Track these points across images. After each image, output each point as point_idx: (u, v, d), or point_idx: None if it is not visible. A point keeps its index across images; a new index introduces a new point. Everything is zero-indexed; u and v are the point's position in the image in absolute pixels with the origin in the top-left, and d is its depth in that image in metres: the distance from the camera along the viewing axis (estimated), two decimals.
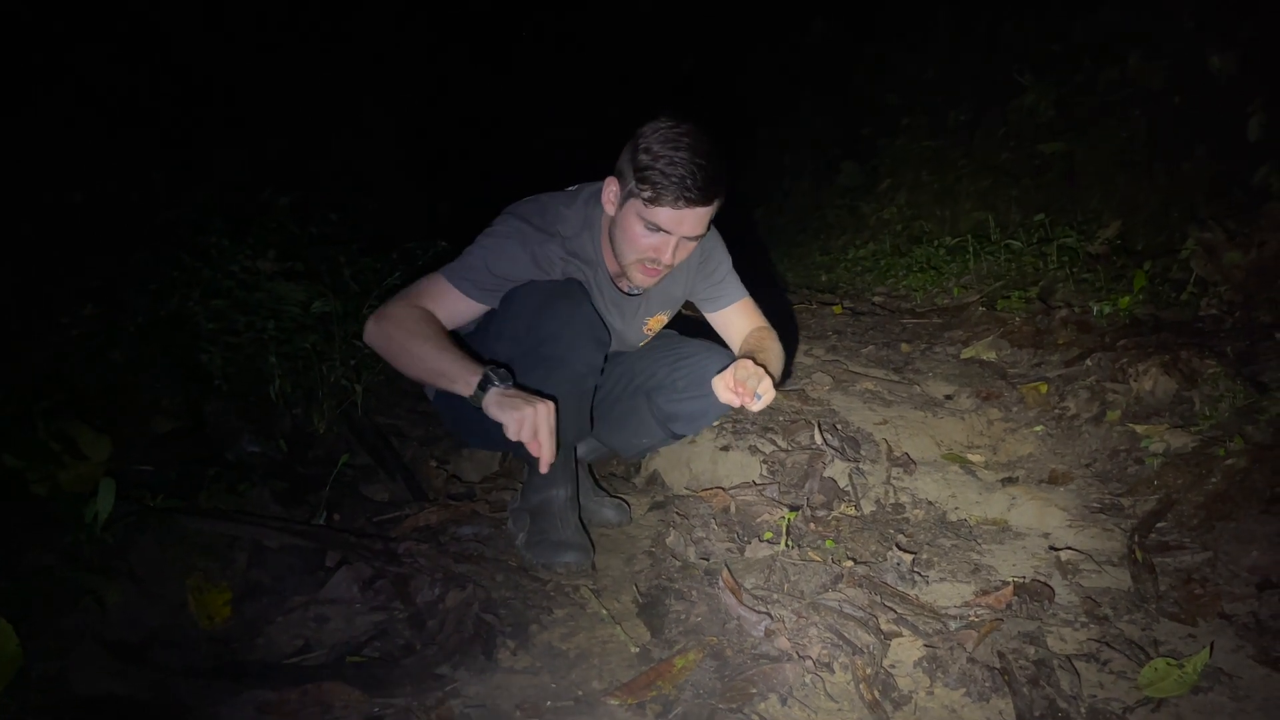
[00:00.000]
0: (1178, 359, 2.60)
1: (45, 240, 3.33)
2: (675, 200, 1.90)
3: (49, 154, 3.76)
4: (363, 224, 4.42)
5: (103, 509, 1.81)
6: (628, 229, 1.99)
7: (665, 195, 1.90)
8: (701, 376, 2.24)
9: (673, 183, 1.88)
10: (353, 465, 2.63)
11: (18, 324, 2.76)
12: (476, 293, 2.03)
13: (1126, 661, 1.59)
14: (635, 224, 1.97)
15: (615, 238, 2.05)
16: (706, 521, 2.12)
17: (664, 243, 1.98)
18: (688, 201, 1.90)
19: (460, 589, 1.85)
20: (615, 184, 2.02)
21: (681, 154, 1.88)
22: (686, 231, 1.97)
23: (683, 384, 2.33)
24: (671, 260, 2.02)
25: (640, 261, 2.02)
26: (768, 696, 1.50)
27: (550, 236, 2.07)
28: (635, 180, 1.92)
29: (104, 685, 1.54)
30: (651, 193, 1.90)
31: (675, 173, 1.87)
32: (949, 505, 2.27)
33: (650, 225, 1.95)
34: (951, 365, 3.19)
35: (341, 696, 1.50)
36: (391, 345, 1.96)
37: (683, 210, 1.92)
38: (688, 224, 1.96)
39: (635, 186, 1.93)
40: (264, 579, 2.00)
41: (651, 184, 1.89)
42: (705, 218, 1.99)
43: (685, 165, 1.87)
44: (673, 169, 1.87)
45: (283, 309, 3.05)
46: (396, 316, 1.97)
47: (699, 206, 1.93)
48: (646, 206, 1.93)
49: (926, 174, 5.95)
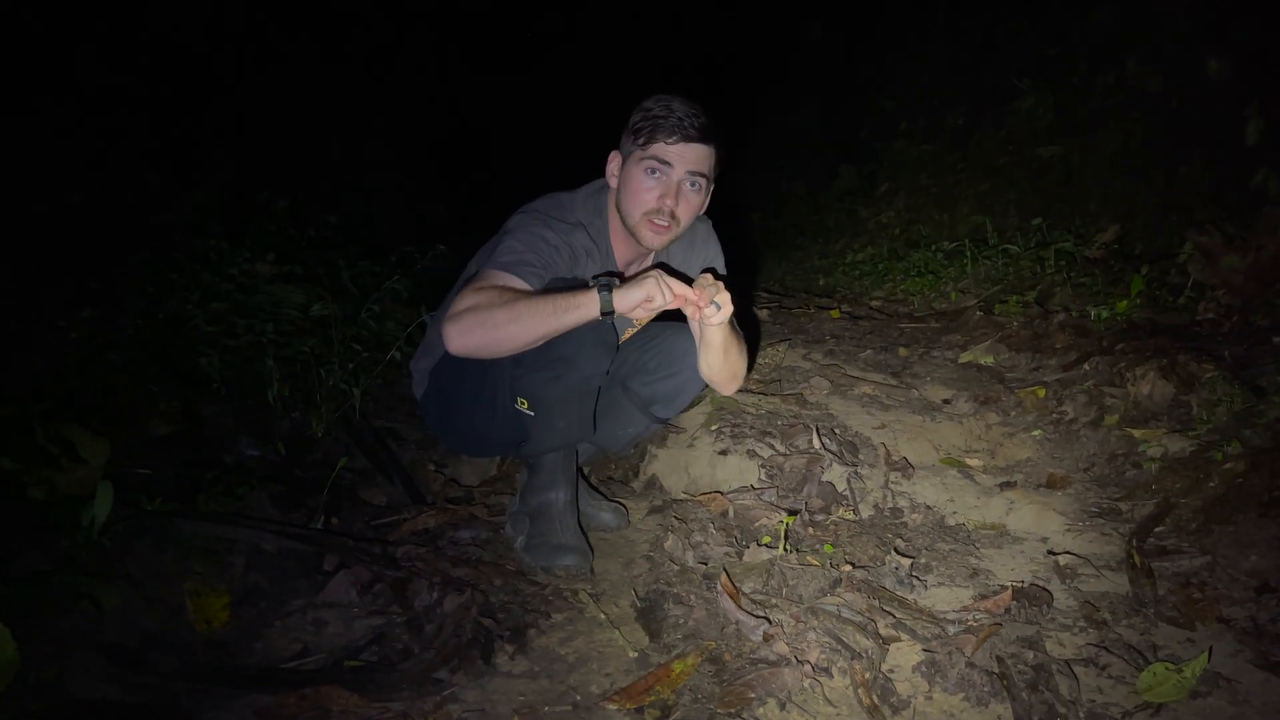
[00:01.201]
0: (1175, 363, 2.60)
1: (44, 242, 3.33)
2: (669, 134, 1.98)
3: (48, 156, 3.76)
4: (361, 228, 4.42)
5: (100, 512, 1.81)
6: (630, 183, 2.05)
7: (660, 130, 1.98)
8: (670, 355, 2.33)
9: (669, 120, 1.98)
10: (351, 469, 2.63)
11: (16, 326, 2.76)
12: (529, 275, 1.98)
13: (1125, 666, 1.59)
14: (637, 173, 2.04)
15: (621, 201, 2.09)
16: (705, 526, 2.12)
17: (667, 185, 2.02)
18: (683, 135, 1.98)
19: (458, 593, 1.85)
20: (616, 156, 2.11)
21: (673, 102, 2.00)
22: (687, 166, 2.02)
23: (653, 364, 2.37)
24: (676, 205, 2.04)
25: (647, 216, 2.06)
26: (766, 701, 1.50)
27: (573, 226, 2.11)
28: (631, 138, 2.02)
29: (101, 689, 1.54)
30: (647, 136, 1.99)
31: (670, 114, 1.98)
32: (947, 510, 2.27)
33: (650, 166, 2.01)
34: (949, 370, 3.19)
35: (339, 701, 1.50)
36: (492, 324, 1.83)
37: (680, 144, 1.99)
38: (687, 158, 2.01)
39: (632, 142, 2.02)
40: (262, 583, 2.00)
41: (646, 130, 1.99)
42: (705, 157, 2.04)
43: (679, 106, 1.99)
44: (667, 111, 1.98)
45: (281, 312, 3.05)
46: (478, 304, 1.85)
47: (695, 142, 2.00)
48: (644, 148, 2.00)
49: (924, 178, 5.95)
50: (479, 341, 1.85)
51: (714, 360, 2.20)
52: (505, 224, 2.12)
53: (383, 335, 3.31)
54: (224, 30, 5.60)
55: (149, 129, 4.49)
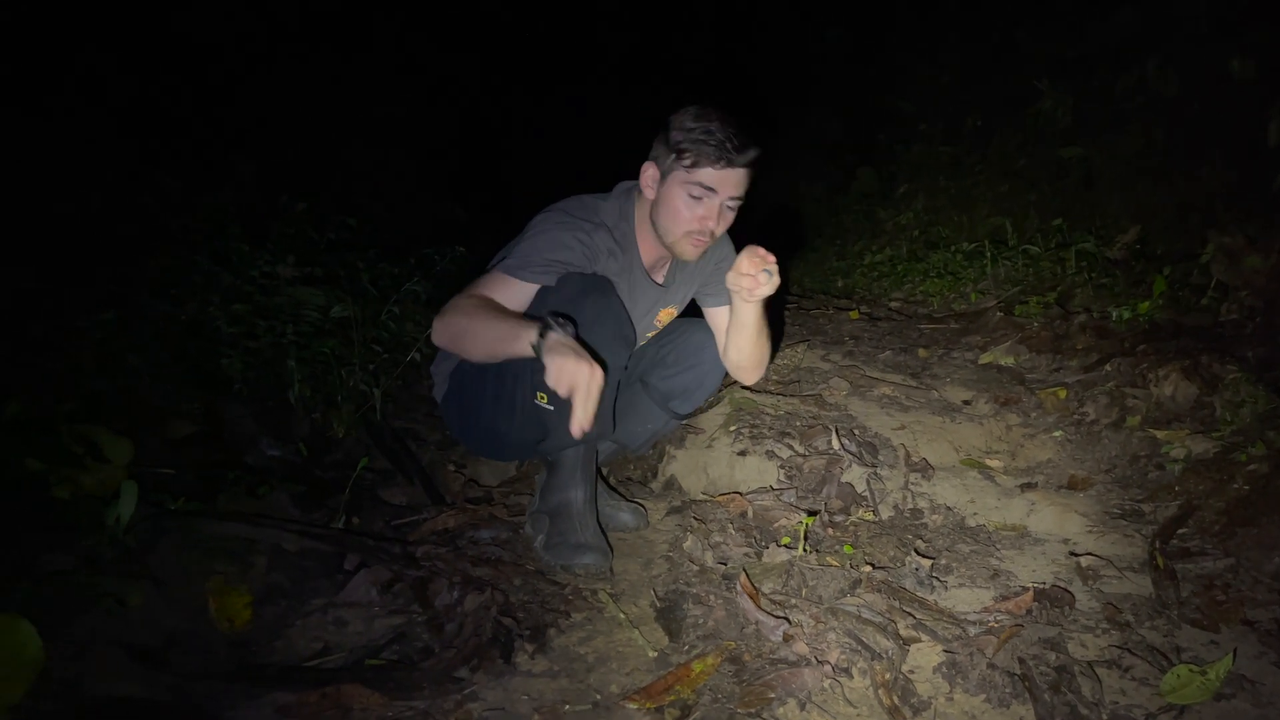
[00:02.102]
0: (1198, 364, 2.58)
1: (65, 245, 3.36)
2: (716, 160, 1.99)
3: (68, 160, 3.80)
4: (380, 230, 4.44)
5: (124, 512, 1.82)
6: (671, 203, 2.06)
7: (705, 157, 1.99)
8: (688, 347, 2.39)
9: (712, 145, 1.98)
10: (371, 469, 2.64)
11: (39, 329, 2.78)
12: (533, 276, 2.03)
13: (1148, 668, 1.58)
14: (679, 195, 2.04)
15: (659, 217, 2.11)
16: (724, 526, 2.12)
17: (709, 209, 2.05)
18: (728, 161, 1.99)
19: (479, 592, 1.85)
20: (653, 167, 2.10)
21: (714, 122, 1.99)
22: (730, 191, 2.04)
23: (671, 358, 2.41)
24: (716, 226, 2.07)
25: (689, 234, 2.09)
26: (786, 701, 1.50)
27: (596, 226, 2.13)
28: (674, 155, 2.02)
29: (124, 688, 1.54)
30: (692, 158, 2.00)
31: (713, 137, 1.98)
32: (967, 510, 2.26)
33: (694, 192, 2.03)
34: (969, 370, 3.18)
35: (361, 699, 1.51)
36: (453, 331, 1.97)
37: (724, 170, 2.01)
38: (730, 183, 2.03)
39: (674, 161, 2.02)
40: (283, 582, 2.01)
41: (691, 152, 1.99)
42: (745, 179, 2.06)
43: (720, 129, 1.98)
44: (709, 135, 1.98)
45: (301, 314, 3.07)
46: (456, 307, 1.98)
47: (739, 166, 2.02)
48: (689, 172, 2.01)
49: (943, 179, 5.93)
50: (445, 343, 2.03)
51: (746, 343, 2.25)
52: (529, 222, 2.14)
53: (402, 336, 3.33)
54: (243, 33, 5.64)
55: (170, 133, 4.52)
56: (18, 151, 3.57)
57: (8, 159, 3.50)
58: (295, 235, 3.46)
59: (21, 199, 3.43)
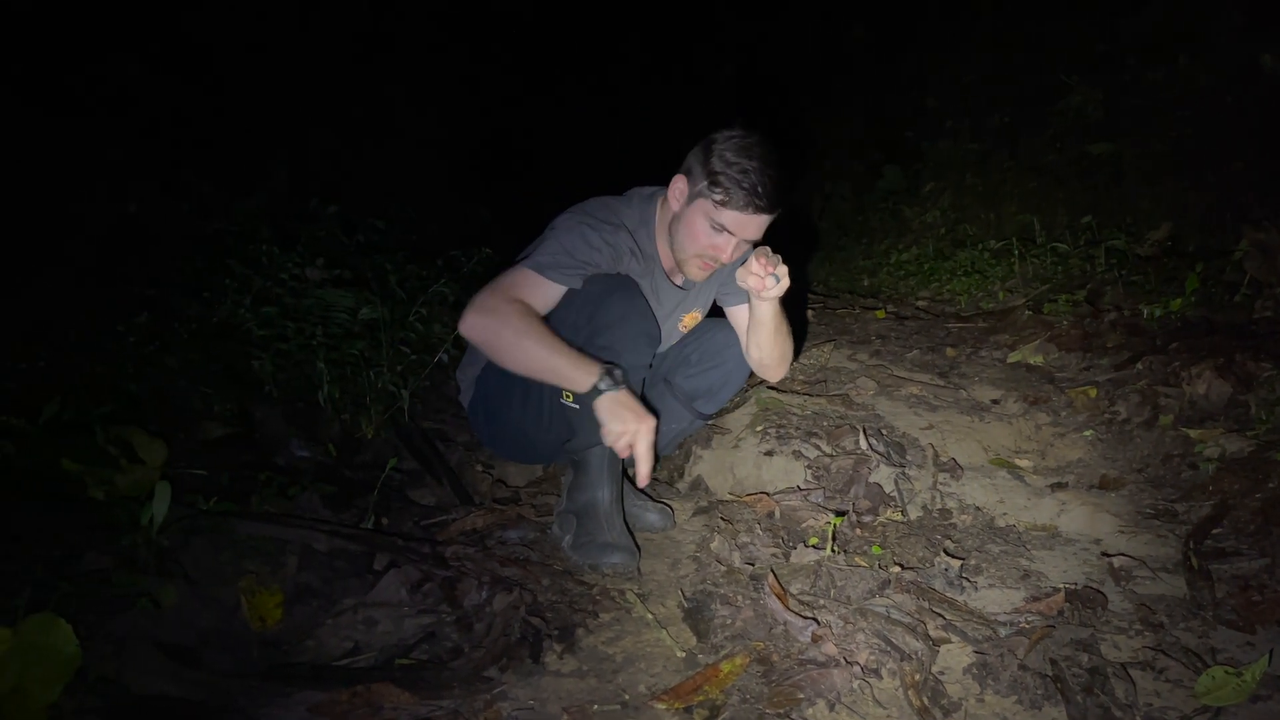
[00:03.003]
0: (1232, 362, 2.54)
1: (101, 250, 3.41)
2: (745, 206, 2.02)
3: (104, 167, 3.85)
4: (408, 232, 4.47)
5: (159, 512, 1.85)
6: (692, 225, 2.09)
7: (735, 200, 2.01)
8: (712, 347, 2.42)
9: (744, 189, 2.00)
10: (400, 470, 2.66)
11: (76, 332, 2.83)
12: (563, 278, 2.06)
13: (1183, 669, 1.56)
14: (701, 222, 2.08)
15: (677, 232, 2.14)
16: (751, 527, 2.12)
17: (726, 243, 2.09)
18: (756, 209, 2.03)
19: (507, 592, 1.86)
20: (683, 181, 2.12)
21: (754, 162, 2.00)
22: (749, 235, 2.08)
23: (695, 357, 2.44)
24: (729, 260, 2.12)
25: (699, 257, 2.12)
26: (815, 702, 1.49)
27: (617, 227, 2.15)
28: (707, 182, 2.03)
29: (159, 685, 1.56)
30: (723, 196, 2.02)
31: (748, 181, 1.99)
32: (997, 511, 2.24)
33: (716, 226, 2.06)
34: (998, 370, 3.15)
35: (391, 698, 1.52)
36: (498, 341, 1.96)
37: (749, 216, 2.04)
38: (751, 228, 2.07)
39: (706, 187, 2.04)
40: (314, 582, 2.03)
41: (724, 188, 2.01)
42: (766, 224, 2.09)
43: (757, 174, 1.99)
44: (745, 177, 1.99)
45: (331, 316, 3.10)
46: (501, 312, 1.96)
47: (765, 214, 2.05)
48: (716, 208, 2.04)
49: (970, 177, 5.88)
50: (486, 346, 2.01)
51: (765, 340, 2.27)
52: (552, 222, 2.15)
53: (430, 338, 3.36)
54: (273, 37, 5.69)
55: (203, 137, 4.58)
56: (57, 158, 3.62)
57: (48, 166, 3.56)
58: (325, 238, 3.50)
59: (61, 205, 3.49)
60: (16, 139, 3.57)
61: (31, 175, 3.48)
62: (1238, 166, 3.81)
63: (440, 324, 3.45)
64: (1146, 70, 4.61)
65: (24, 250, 3.17)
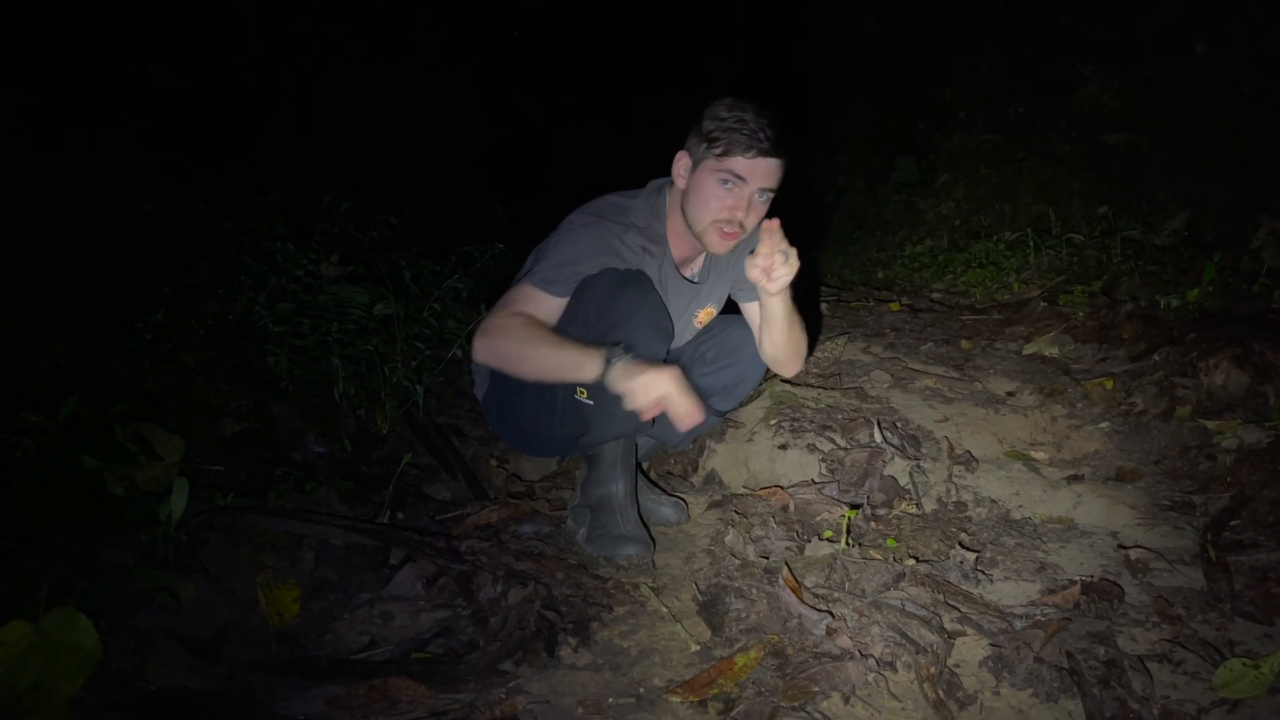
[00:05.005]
0: (1250, 352, 2.52)
1: (119, 249, 3.44)
2: (747, 149, 1.99)
3: (122, 166, 3.88)
4: (421, 228, 4.49)
5: (177, 508, 1.86)
6: (701, 191, 2.06)
7: (737, 145, 1.99)
8: (727, 345, 2.38)
9: (744, 134, 1.98)
10: (415, 465, 2.68)
11: (94, 330, 2.85)
12: (565, 290, 2.07)
13: (1200, 662, 1.55)
14: (709, 182, 2.04)
15: (689, 206, 2.10)
16: (765, 520, 2.12)
17: (739, 198, 2.04)
18: (759, 150, 1.99)
19: (522, 586, 1.87)
20: (685, 157, 2.10)
21: (748, 112, 1.99)
22: (760, 182, 2.03)
23: (711, 355, 2.41)
24: (746, 216, 2.06)
25: (717, 224, 2.07)
26: (830, 695, 1.50)
27: (626, 228, 2.14)
28: (706, 143, 2.02)
29: (179, 679, 1.58)
30: (724, 146, 2.00)
31: (746, 127, 1.98)
32: (1012, 503, 2.23)
33: (724, 179, 2.02)
34: (1013, 361, 3.14)
35: (407, 692, 1.53)
36: (506, 356, 2.01)
37: (755, 159, 2.00)
38: (760, 173, 2.02)
39: (706, 149, 2.02)
40: (331, 576, 2.04)
41: (722, 141, 1.99)
42: (776, 171, 2.05)
43: (753, 119, 1.98)
44: (742, 124, 1.98)
45: (346, 312, 3.11)
46: (503, 328, 2.00)
47: (770, 156, 2.01)
48: (720, 160, 2.01)
49: (984, 168, 5.85)
50: (496, 364, 2.06)
51: (777, 335, 2.24)
52: (560, 224, 2.15)
53: (444, 333, 3.36)
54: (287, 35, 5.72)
55: (217, 137, 4.61)
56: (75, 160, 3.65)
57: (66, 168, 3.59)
58: (339, 234, 3.51)
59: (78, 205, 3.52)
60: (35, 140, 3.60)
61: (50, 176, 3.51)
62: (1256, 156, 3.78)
63: (454, 319, 3.46)
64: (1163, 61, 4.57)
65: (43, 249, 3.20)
